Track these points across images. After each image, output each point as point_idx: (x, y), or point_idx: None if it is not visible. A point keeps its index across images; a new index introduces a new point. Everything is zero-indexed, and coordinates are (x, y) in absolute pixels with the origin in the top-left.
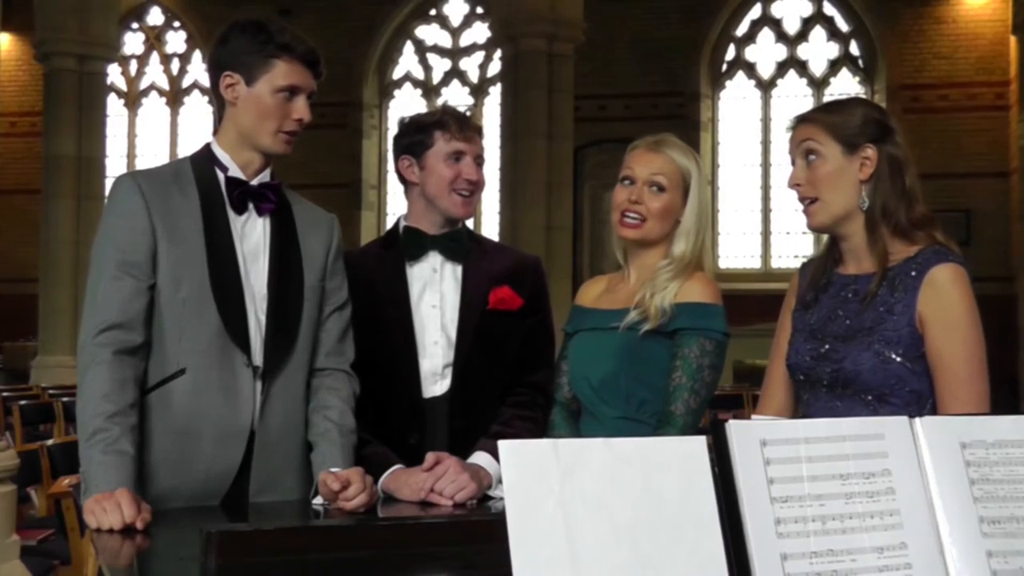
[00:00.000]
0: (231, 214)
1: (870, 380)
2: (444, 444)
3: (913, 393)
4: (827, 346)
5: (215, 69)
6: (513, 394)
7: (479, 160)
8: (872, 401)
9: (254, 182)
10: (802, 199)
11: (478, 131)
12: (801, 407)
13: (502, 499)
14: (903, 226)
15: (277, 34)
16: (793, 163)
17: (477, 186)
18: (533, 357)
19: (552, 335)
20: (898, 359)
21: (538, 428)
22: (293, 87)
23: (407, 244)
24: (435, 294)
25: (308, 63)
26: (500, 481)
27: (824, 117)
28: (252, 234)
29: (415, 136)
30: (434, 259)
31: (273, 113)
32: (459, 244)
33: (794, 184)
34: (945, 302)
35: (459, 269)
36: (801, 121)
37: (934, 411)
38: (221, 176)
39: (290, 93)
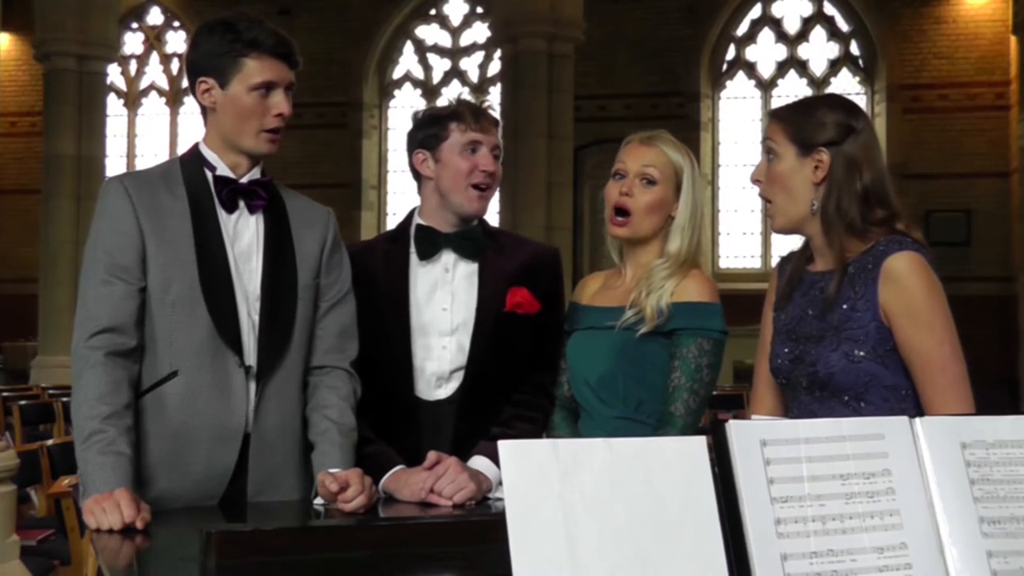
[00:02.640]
0: (222, 213)
1: (843, 381)
2: (448, 447)
3: (889, 388)
4: (800, 348)
5: (190, 75)
6: (516, 393)
7: (496, 152)
8: (850, 401)
9: (244, 179)
10: (761, 196)
11: (495, 123)
12: (789, 414)
13: (502, 500)
14: (858, 226)
15: (244, 31)
16: None
17: (494, 178)
18: (540, 357)
19: (563, 335)
20: (867, 357)
21: (538, 429)
22: (267, 83)
23: (419, 242)
24: (446, 296)
25: (280, 55)
26: (500, 484)
27: (787, 116)
28: (245, 233)
29: (430, 129)
30: (447, 258)
31: (252, 113)
32: (474, 242)
33: (754, 179)
34: (905, 292)
35: (474, 267)
36: (771, 117)
37: (915, 402)
38: (209, 175)
39: (266, 89)
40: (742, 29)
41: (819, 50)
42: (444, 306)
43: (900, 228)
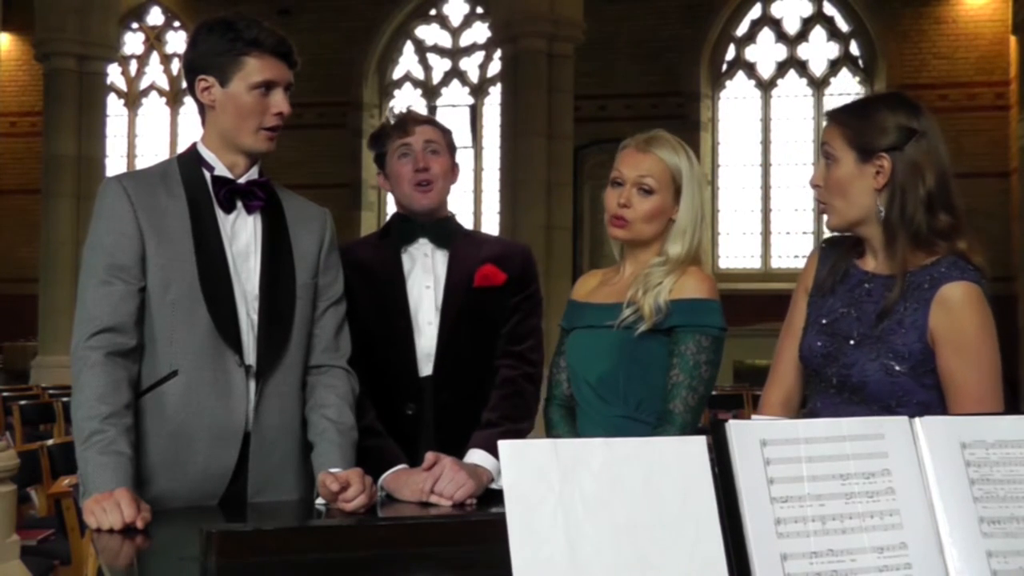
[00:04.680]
0: (220, 213)
1: (876, 392)
2: (431, 421)
3: (920, 405)
4: (835, 346)
5: (189, 73)
6: (497, 370)
7: (431, 147)
8: (878, 412)
9: (242, 180)
10: (818, 200)
11: (420, 121)
12: (809, 404)
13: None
14: (924, 235)
15: (245, 30)
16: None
17: (430, 173)
18: (517, 329)
19: (539, 309)
20: (905, 373)
21: (528, 402)
22: (268, 82)
23: (399, 229)
24: (428, 275)
25: (280, 55)
26: (500, 474)
27: (845, 119)
28: (243, 233)
29: (377, 151)
30: (425, 245)
31: (252, 111)
32: (448, 232)
33: (813, 184)
34: (957, 323)
35: (448, 254)
36: (829, 119)
37: None
38: (208, 175)
39: (266, 88)
40: (742, 29)
41: (819, 50)
42: (427, 284)
43: (962, 248)
